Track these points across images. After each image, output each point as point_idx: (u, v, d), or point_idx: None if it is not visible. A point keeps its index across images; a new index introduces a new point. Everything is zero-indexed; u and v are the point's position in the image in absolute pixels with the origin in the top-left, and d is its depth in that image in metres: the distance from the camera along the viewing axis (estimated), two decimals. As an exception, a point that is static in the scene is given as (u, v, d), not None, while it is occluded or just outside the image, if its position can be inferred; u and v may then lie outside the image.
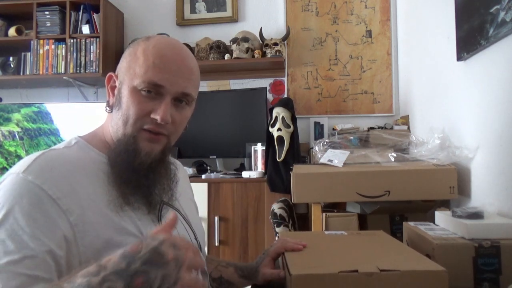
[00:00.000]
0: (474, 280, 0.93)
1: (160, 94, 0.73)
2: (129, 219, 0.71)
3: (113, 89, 0.79)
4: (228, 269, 0.97)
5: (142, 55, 0.74)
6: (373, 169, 1.51)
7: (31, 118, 2.73)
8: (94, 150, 0.75)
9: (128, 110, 0.73)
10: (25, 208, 0.61)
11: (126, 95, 0.74)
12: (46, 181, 0.64)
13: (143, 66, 0.73)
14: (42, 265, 0.59)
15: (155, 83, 0.72)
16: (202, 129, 2.68)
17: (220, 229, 2.28)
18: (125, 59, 0.78)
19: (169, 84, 0.73)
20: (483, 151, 1.34)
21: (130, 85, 0.74)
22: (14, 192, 0.62)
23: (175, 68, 0.74)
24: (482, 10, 1.26)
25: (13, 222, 0.60)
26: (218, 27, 2.90)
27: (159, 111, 0.72)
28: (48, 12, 2.75)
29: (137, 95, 0.73)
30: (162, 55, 0.73)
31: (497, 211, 1.14)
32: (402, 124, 2.32)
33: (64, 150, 0.73)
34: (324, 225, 1.54)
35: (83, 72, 2.72)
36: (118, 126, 0.75)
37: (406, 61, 2.50)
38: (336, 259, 0.83)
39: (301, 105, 2.77)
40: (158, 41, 0.76)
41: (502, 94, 1.20)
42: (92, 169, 0.71)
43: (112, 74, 0.80)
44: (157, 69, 0.72)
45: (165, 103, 0.73)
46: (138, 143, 0.73)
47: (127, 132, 0.73)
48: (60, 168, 0.67)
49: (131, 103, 0.73)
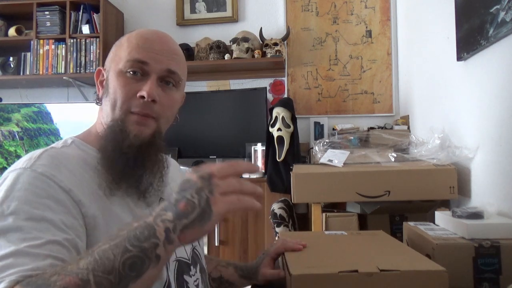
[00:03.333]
0: (474, 280, 0.93)
1: (145, 73, 0.74)
2: (125, 206, 0.71)
3: (102, 82, 0.80)
4: (228, 269, 0.97)
5: (126, 42, 0.76)
6: (373, 169, 1.51)
7: (31, 118, 2.73)
8: (89, 147, 0.75)
9: (115, 94, 0.73)
10: (40, 196, 0.60)
11: (113, 80, 0.75)
12: (55, 174, 0.63)
13: (127, 49, 0.74)
14: (64, 250, 0.57)
15: (139, 60, 0.73)
16: (202, 129, 2.68)
17: (220, 229, 2.28)
18: (111, 51, 0.80)
19: (154, 61, 0.74)
20: (483, 151, 1.34)
21: (116, 69, 0.75)
22: (25, 182, 0.61)
23: (158, 47, 0.75)
24: (482, 10, 1.26)
25: (29, 210, 0.58)
26: (218, 27, 2.90)
27: (144, 87, 0.72)
28: (48, 12, 2.75)
29: (123, 77, 0.74)
30: (145, 38, 0.75)
31: (497, 211, 1.14)
32: (402, 124, 2.32)
33: (63, 149, 0.73)
34: (324, 225, 1.54)
35: (83, 72, 2.72)
36: (107, 114, 0.75)
37: (406, 61, 2.50)
38: (336, 259, 0.83)
39: (301, 105, 2.77)
40: (142, 29, 0.79)
41: (502, 94, 1.20)
42: (91, 164, 0.71)
43: (101, 68, 0.81)
44: (140, 48, 0.74)
45: (151, 80, 0.73)
46: (127, 125, 0.73)
47: (115, 116, 0.73)
48: (65, 163, 0.67)
49: (118, 86, 0.73)
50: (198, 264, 0.81)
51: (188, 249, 0.80)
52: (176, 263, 0.74)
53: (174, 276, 0.72)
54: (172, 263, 0.73)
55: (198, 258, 0.83)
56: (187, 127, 2.59)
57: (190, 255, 0.80)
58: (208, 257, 1.02)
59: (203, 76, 2.84)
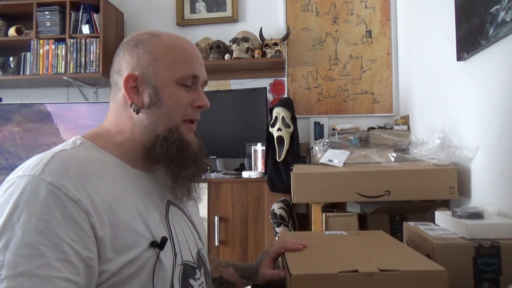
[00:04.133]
0: (474, 280, 0.93)
1: (194, 84, 0.79)
2: (137, 212, 0.69)
3: (133, 89, 0.76)
4: (228, 269, 0.97)
5: (170, 50, 0.77)
6: (373, 169, 1.51)
7: (31, 118, 2.72)
8: (100, 150, 0.73)
9: (174, 105, 0.76)
10: (49, 209, 0.59)
11: (168, 91, 0.76)
12: (64, 183, 0.62)
13: (179, 60, 0.77)
14: (71, 267, 0.57)
15: (195, 75, 0.78)
16: (202, 129, 2.65)
17: (220, 229, 2.28)
18: (142, 56, 0.76)
19: (201, 74, 0.80)
20: (483, 151, 1.34)
21: (169, 81, 0.76)
22: (34, 193, 0.60)
23: (200, 59, 0.81)
24: (482, 10, 1.26)
25: (38, 223, 0.57)
26: (218, 27, 2.90)
27: (201, 99, 0.80)
28: (48, 12, 2.75)
29: (179, 89, 0.77)
30: (188, 50, 0.79)
31: (497, 211, 1.14)
32: (402, 124, 2.32)
33: (72, 151, 0.70)
34: (324, 225, 1.54)
35: (83, 72, 2.72)
36: (156, 124, 0.76)
37: (406, 61, 2.50)
38: (336, 259, 0.83)
39: (301, 105, 2.77)
40: (170, 35, 0.80)
41: (502, 94, 1.20)
42: (101, 169, 0.69)
43: (133, 74, 0.75)
44: (193, 62, 0.78)
45: (201, 90, 0.81)
46: (183, 134, 0.78)
47: (171, 126, 0.76)
48: (75, 169, 0.64)
49: (176, 97, 0.76)
50: (203, 268, 0.81)
51: (194, 252, 0.79)
52: (182, 267, 0.74)
53: (179, 280, 0.72)
54: (178, 267, 0.72)
55: (203, 262, 0.83)
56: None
57: (195, 258, 0.79)
58: (209, 258, 1.02)
59: (203, 76, 2.84)
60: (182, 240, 0.77)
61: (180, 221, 0.80)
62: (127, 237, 0.65)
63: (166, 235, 0.71)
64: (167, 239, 0.70)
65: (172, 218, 0.77)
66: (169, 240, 0.72)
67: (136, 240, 0.66)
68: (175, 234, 0.75)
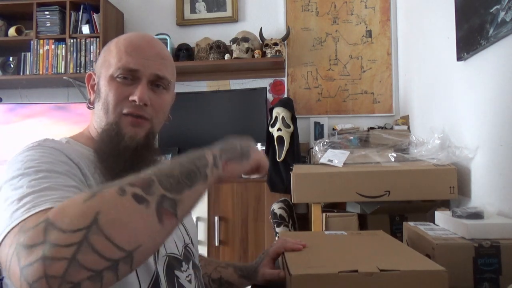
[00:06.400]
0: (474, 280, 0.93)
1: (136, 78, 0.76)
2: None
3: (93, 86, 0.83)
4: (228, 270, 0.97)
5: (114, 47, 0.78)
6: (373, 169, 1.51)
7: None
8: (81, 145, 0.77)
9: (107, 98, 0.76)
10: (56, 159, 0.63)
11: (104, 85, 0.77)
12: (61, 148, 0.67)
13: (116, 56, 0.77)
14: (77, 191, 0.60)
15: (130, 68, 0.76)
16: (202, 129, 2.67)
17: (220, 229, 2.28)
18: (100, 56, 0.82)
19: (143, 68, 0.76)
20: (483, 151, 1.34)
21: (106, 75, 0.77)
22: (38, 150, 0.64)
23: (146, 53, 0.77)
24: (482, 10, 1.26)
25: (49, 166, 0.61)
26: (218, 27, 2.90)
27: (136, 92, 0.75)
28: (48, 12, 2.75)
29: (114, 82, 0.76)
30: (133, 44, 0.78)
31: (497, 211, 1.14)
32: (402, 124, 2.32)
33: (59, 142, 0.75)
34: (324, 225, 1.54)
35: (83, 72, 2.72)
36: (100, 117, 0.78)
37: (406, 61, 2.50)
38: (336, 259, 0.83)
39: (301, 105, 2.77)
40: (129, 34, 0.82)
41: (502, 94, 1.20)
42: (83, 161, 0.72)
43: (91, 72, 0.85)
44: (129, 56, 0.76)
45: (142, 85, 0.76)
46: (121, 128, 0.75)
47: (109, 120, 0.76)
48: (64, 151, 0.69)
49: (109, 91, 0.76)
50: (190, 261, 0.82)
51: (180, 246, 0.80)
52: (166, 258, 0.75)
53: (163, 270, 0.72)
54: (162, 258, 0.74)
55: (191, 255, 0.83)
56: (187, 127, 2.59)
57: (182, 252, 0.80)
58: (208, 259, 1.02)
59: (203, 76, 2.84)
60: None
61: None
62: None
63: None
64: None
65: None
66: None
67: None
68: None
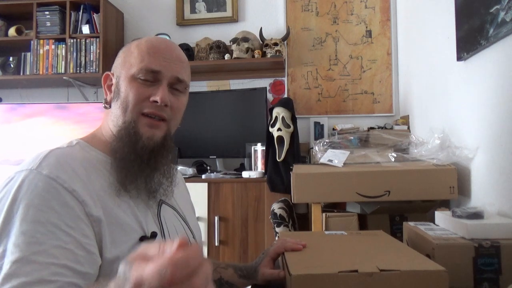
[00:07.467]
0: (474, 280, 0.93)
1: (157, 80, 0.77)
2: (129, 209, 0.72)
3: (110, 87, 0.82)
4: (228, 270, 0.97)
5: (135, 49, 0.79)
6: (373, 169, 1.51)
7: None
8: (95, 150, 0.77)
9: (127, 97, 0.76)
10: (45, 199, 0.62)
11: (124, 85, 0.77)
12: (60, 175, 0.65)
13: (138, 56, 0.77)
14: (68, 254, 0.59)
15: (152, 69, 0.76)
16: (202, 129, 2.67)
17: (220, 229, 2.27)
18: (119, 57, 0.82)
19: (165, 69, 0.77)
20: (483, 151, 1.34)
21: (127, 75, 0.77)
22: (31, 185, 0.63)
23: (168, 56, 0.79)
24: (482, 10, 1.26)
25: (35, 213, 0.60)
26: (218, 27, 2.90)
27: (158, 93, 0.76)
28: (48, 12, 2.75)
29: (135, 82, 0.77)
30: (155, 46, 0.79)
31: (497, 211, 1.14)
32: (402, 124, 2.32)
33: (68, 149, 0.74)
34: (324, 225, 1.54)
35: (83, 72, 2.72)
36: (117, 116, 0.78)
37: (406, 61, 2.50)
38: (336, 259, 0.83)
39: (301, 105, 2.77)
40: (149, 37, 0.83)
41: (502, 94, 1.20)
42: (95, 167, 0.73)
43: (109, 73, 0.84)
44: (152, 57, 0.77)
45: (163, 86, 0.77)
46: (139, 128, 0.76)
47: (127, 118, 0.76)
48: (70, 164, 0.69)
49: (130, 90, 0.76)
50: None
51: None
52: None
53: None
54: None
55: None
56: (187, 127, 2.59)
57: None
58: (207, 260, 1.02)
59: (203, 76, 2.84)
60: (174, 237, 0.78)
61: (172, 219, 0.83)
62: (120, 231, 0.68)
63: (157, 231, 0.74)
64: (157, 234, 0.73)
65: (164, 215, 0.80)
66: (160, 235, 0.74)
67: (128, 234, 0.69)
68: (167, 231, 0.78)
